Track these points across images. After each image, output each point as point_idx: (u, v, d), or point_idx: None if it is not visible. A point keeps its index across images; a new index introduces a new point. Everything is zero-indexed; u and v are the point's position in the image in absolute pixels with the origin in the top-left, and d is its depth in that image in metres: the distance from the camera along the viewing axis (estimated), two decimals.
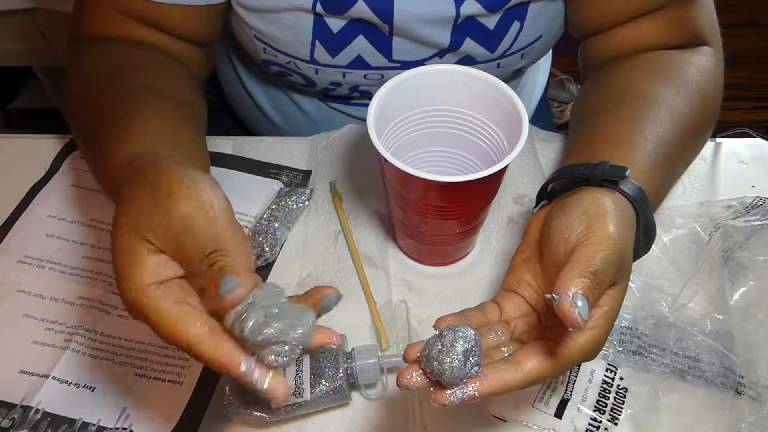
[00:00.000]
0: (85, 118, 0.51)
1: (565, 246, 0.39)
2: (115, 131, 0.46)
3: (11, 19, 1.18)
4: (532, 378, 0.37)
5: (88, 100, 0.52)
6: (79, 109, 0.53)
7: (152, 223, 0.35)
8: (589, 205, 0.41)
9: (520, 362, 0.37)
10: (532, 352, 0.37)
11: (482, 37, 0.60)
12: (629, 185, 0.43)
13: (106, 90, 0.51)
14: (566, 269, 0.36)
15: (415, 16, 0.57)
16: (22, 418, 0.48)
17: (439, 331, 0.37)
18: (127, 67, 0.54)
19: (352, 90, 0.68)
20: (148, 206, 0.36)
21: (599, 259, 0.36)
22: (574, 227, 0.39)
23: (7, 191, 0.62)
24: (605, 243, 0.37)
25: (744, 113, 1.77)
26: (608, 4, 0.58)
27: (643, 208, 0.43)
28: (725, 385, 0.49)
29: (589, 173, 0.44)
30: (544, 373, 0.37)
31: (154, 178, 0.37)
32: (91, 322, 0.53)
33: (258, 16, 0.59)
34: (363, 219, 0.61)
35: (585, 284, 0.35)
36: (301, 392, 0.47)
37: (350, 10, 0.57)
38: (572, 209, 0.41)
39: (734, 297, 0.52)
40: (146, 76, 0.53)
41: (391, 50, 0.61)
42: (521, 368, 0.36)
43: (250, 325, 0.32)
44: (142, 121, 0.47)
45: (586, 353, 0.38)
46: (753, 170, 0.66)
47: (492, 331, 0.42)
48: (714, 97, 0.57)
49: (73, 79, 0.55)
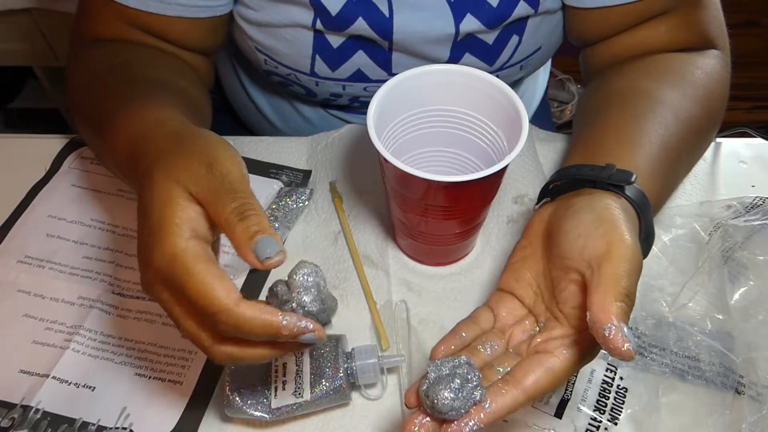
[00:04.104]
0: (94, 103, 0.51)
1: (582, 255, 0.38)
2: (133, 107, 0.46)
3: (11, 19, 1.19)
4: (533, 395, 0.37)
5: (99, 87, 0.51)
6: (87, 96, 0.52)
7: (192, 173, 0.36)
8: (603, 212, 0.40)
9: (519, 381, 0.37)
10: (529, 369, 0.37)
11: (481, 52, 0.60)
12: (633, 190, 0.43)
13: (120, 78, 0.51)
14: (601, 292, 0.35)
15: (415, 34, 0.58)
16: (22, 418, 0.48)
17: (432, 366, 0.37)
18: (138, 61, 0.54)
19: (352, 101, 0.69)
20: (188, 160, 0.37)
21: (628, 276, 0.36)
22: (591, 235, 0.38)
23: (7, 191, 0.62)
24: (628, 257, 0.37)
25: (744, 113, 1.78)
26: (610, 14, 0.57)
27: (646, 214, 0.43)
28: (725, 385, 0.49)
29: (596, 176, 0.43)
30: (544, 388, 0.37)
31: (190, 135, 0.40)
32: (91, 322, 0.53)
33: (260, 30, 0.60)
34: (363, 219, 0.61)
35: (623, 310, 0.35)
36: (301, 392, 0.47)
37: (350, 28, 0.57)
38: (584, 214, 0.40)
39: (734, 297, 0.52)
40: (158, 72, 0.54)
41: (390, 65, 0.61)
42: (521, 387, 0.36)
43: (309, 300, 0.36)
44: (159, 99, 0.47)
45: (583, 362, 0.38)
46: (753, 170, 0.66)
47: (486, 345, 0.41)
48: (720, 100, 0.56)
49: (78, 72, 0.55)
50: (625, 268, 0.36)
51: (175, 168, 0.37)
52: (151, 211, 0.36)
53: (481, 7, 0.56)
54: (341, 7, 0.56)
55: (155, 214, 0.36)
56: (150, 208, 0.36)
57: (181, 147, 0.39)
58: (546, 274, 0.42)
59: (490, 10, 0.56)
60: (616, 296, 0.35)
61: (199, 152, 0.38)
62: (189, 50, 0.60)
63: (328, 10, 0.56)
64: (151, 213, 0.36)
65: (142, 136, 0.42)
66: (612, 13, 0.57)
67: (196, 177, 0.36)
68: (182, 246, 0.34)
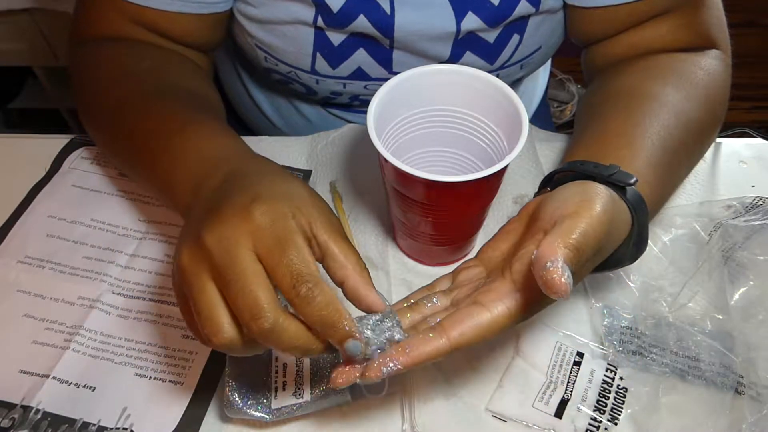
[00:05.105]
0: (118, 118, 0.51)
1: (552, 215, 0.38)
2: (188, 137, 0.46)
3: (11, 19, 1.19)
4: (456, 345, 0.36)
5: (118, 100, 0.52)
6: (104, 107, 0.53)
7: (300, 205, 0.38)
8: (588, 190, 0.40)
9: (445, 330, 0.36)
10: (457, 319, 0.37)
11: (482, 51, 0.60)
12: (631, 192, 0.43)
13: (142, 91, 0.51)
14: (551, 235, 0.35)
15: (416, 31, 0.58)
16: (22, 418, 0.48)
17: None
18: (152, 67, 0.55)
19: (352, 99, 0.69)
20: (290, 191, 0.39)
21: (583, 235, 0.36)
22: (567, 201, 0.39)
23: (7, 191, 0.62)
24: (589, 219, 0.37)
25: (744, 113, 1.78)
26: (612, 13, 0.57)
27: (640, 217, 0.43)
28: (725, 385, 0.49)
29: (598, 173, 0.43)
30: (470, 340, 0.36)
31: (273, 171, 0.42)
32: (91, 322, 0.53)
33: (260, 27, 0.60)
34: (363, 219, 0.61)
35: (568, 256, 0.34)
36: (301, 392, 0.47)
37: (351, 25, 0.57)
38: (570, 188, 0.41)
39: (734, 297, 0.52)
40: (175, 78, 0.54)
41: (391, 63, 0.61)
42: (446, 335, 0.36)
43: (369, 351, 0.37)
44: (212, 128, 0.48)
45: (514, 320, 0.37)
46: (753, 170, 0.66)
47: (427, 299, 0.42)
48: (721, 101, 0.56)
49: (88, 75, 0.55)
50: (583, 226, 0.36)
51: (283, 197, 0.38)
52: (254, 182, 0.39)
53: (483, 5, 0.56)
54: (343, 4, 0.56)
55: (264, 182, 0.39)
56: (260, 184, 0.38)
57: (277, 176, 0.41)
58: (519, 244, 0.42)
59: (491, 9, 0.56)
60: (566, 244, 0.35)
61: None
62: (190, 47, 0.60)
63: (330, 7, 0.56)
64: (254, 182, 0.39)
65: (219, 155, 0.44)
66: (614, 12, 0.57)
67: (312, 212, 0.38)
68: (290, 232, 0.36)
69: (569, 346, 0.52)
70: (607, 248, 0.40)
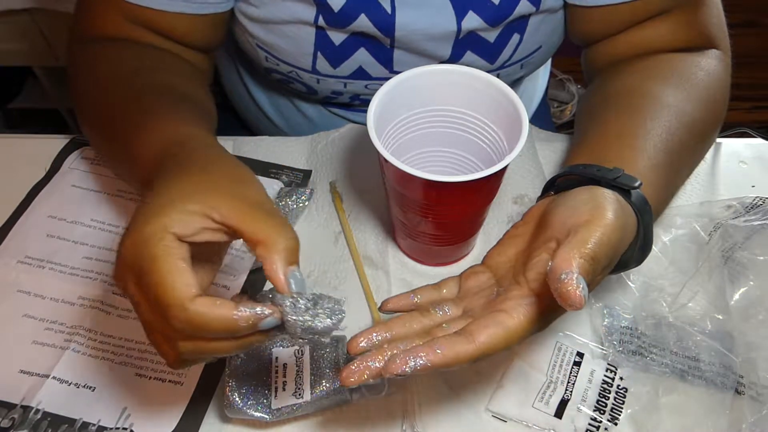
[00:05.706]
0: (107, 115, 0.51)
1: (564, 224, 0.39)
2: (151, 123, 0.46)
3: (11, 19, 1.19)
4: (485, 350, 0.36)
5: (114, 95, 0.51)
6: (98, 102, 0.52)
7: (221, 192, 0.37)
8: (597, 196, 0.40)
9: (472, 334, 0.36)
10: (484, 325, 0.37)
11: (482, 50, 0.60)
12: (636, 195, 0.43)
13: (130, 88, 0.51)
14: (567, 247, 0.35)
15: (417, 31, 0.58)
16: (22, 418, 0.48)
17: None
18: (145, 67, 0.54)
19: (353, 98, 0.69)
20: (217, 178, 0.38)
21: (598, 244, 0.36)
22: (578, 209, 0.39)
23: (7, 191, 0.62)
24: (603, 227, 0.37)
25: (744, 113, 1.78)
26: (612, 12, 0.57)
27: (645, 220, 0.43)
28: (725, 385, 0.49)
29: (602, 176, 0.43)
30: (496, 345, 0.36)
31: (205, 155, 0.41)
32: (91, 322, 0.53)
33: (261, 27, 0.60)
34: (363, 219, 0.61)
35: (584, 267, 0.35)
36: (301, 392, 0.47)
37: (352, 24, 0.57)
38: (579, 194, 0.41)
39: (734, 297, 0.52)
40: (167, 77, 0.54)
41: (392, 62, 0.61)
42: (474, 340, 0.36)
43: (306, 318, 0.36)
44: (176, 112, 0.47)
45: (537, 326, 0.38)
46: (753, 170, 0.66)
47: (439, 308, 0.42)
48: (722, 102, 0.56)
49: (84, 74, 0.55)
50: (597, 235, 0.36)
51: (198, 183, 0.37)
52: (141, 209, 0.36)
53: (483, 5, 0.56)
54: (344, 4, 0.56)
55: (144, 210, 0.35)
56: (141, 208, 0.36)
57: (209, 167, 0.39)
58: (527, 251, 0.42)
59: (491, 8, 0.56)
60: (582, 255, 0.35)
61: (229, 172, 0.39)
62: (190, 47, 0.60)
63: (331, 7, 0.56)
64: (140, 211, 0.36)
65: (175, 146, 0.43)
66: (614, 11, 0.57)
67: (225, 196, 0.36)
68: (155, 235, 0.34)
69: (569, 346, 0.52)
70: (619, 254, 0.40)
